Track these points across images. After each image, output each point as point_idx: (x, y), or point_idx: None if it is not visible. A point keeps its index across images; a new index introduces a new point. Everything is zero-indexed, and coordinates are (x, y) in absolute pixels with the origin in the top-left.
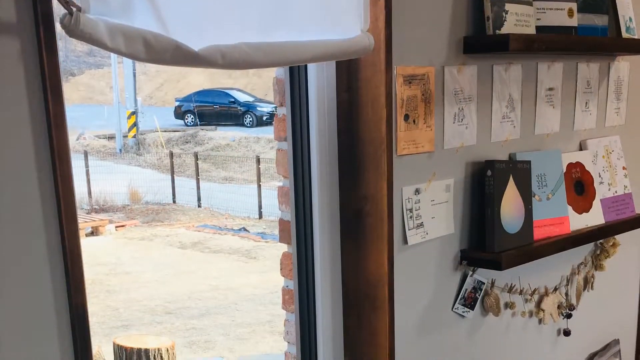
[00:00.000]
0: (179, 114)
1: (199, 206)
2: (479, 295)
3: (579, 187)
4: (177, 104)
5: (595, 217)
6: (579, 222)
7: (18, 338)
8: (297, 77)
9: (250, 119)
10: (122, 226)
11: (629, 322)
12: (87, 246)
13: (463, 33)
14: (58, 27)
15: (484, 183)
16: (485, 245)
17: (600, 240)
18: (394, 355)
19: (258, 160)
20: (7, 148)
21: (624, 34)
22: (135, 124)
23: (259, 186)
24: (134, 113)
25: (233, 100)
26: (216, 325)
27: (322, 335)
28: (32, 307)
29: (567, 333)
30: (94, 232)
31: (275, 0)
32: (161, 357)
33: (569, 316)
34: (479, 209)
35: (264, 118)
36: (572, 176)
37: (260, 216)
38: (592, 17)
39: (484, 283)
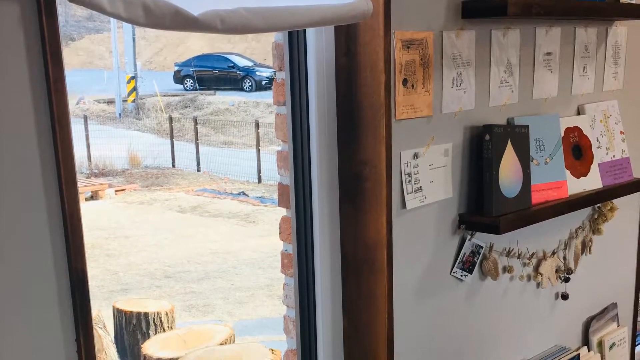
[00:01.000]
0: (178, 78)
1: (198, 170)
2: (477, 259)
3: (577, 151)
4: (176, 68)
5: (593, 181)
6: (576, 186)
7: (18, 302)
8: (296, 41)
9: (249, 84)
10: (122, 190)
11: (626, 286)
12: (87, 210)
13: None
14: None
15: (482, 147)
16: (484, 210)
17: (598, 205)
18: (392, 318)
19: (257, 125)
20: (7, 113)
21: None
22: (134, 89)
23: (258, 150)
24: (133, 78)
25: (232, 64)
26: (215, 289)
27: (320, 299)
28: (32, 271)
29: (565, 297)
30: (94, 196)
31: None
32: (160, 320)
33: (566, 280)
34: (477, 173)
35: (263, 83)
36: (570, 140)
37: (260, 180)
38: None
39: (482, 247)
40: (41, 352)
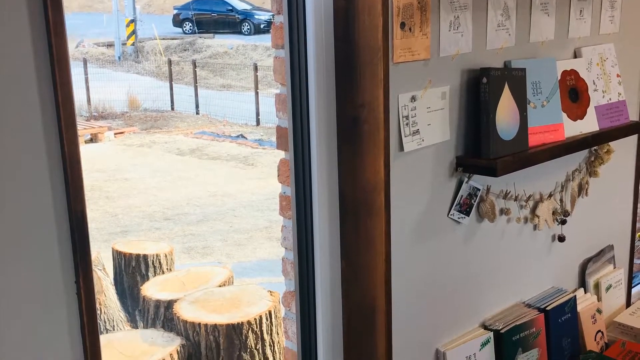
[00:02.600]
0: (177, 22)
1: (197, 113)
2: (475, 202)
3: (574, 94)
4: (175, 11)
5: (589, 124)
6: (573, 129)
7: (18, 245)
8: None
9: (248, 27)
10: (121, 133)
11: (622, 228)
12: (86, 153)
13: None
14: None
15: (480, 90)
16: (481, 152)
17: (595, 147)
18: (390, 260)
19: (255, 68)
20: (7, 56)
21: None
22: (133, 32)
23: (257, 93)
24: (132, 21)
25: (231, 8)
26: (214, 231)
27: (319, 241)
28: (32, 213)
29: (561, 239)
30: (93, 139)
31: None
32: (160, 262)
33: (563, 222)
34: (475, 116)
35: (262, 26)
36: (567, 83)
37: (258, 123)
38: None
39: (479, 189)
40: (41, 294)
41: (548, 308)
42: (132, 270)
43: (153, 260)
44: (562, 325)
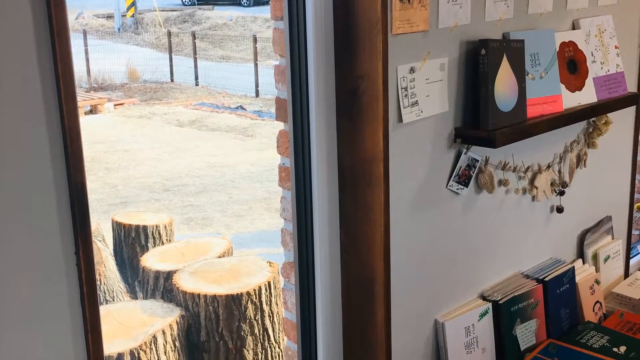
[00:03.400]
0: None
1: (197, 84)
2: (473, 173)
3: (572, 65)
4: None
5: (587, 96)
6: (571, 100)
7: (18, 216)
8: None
9: None
10: (121, 104)
11: (621, 199)
12: (86, 124)
13: None
14: None
15: (478, 62)
16: (479, 123)
17: (593, 118)
18: (388, 231)
19: (255, 40)
20: (7, 27)
21: None
22: (133, 3)
23: (256, 65)
24: None
25: None
26: (213, 202)
27: (318, 212)
28: (32, 185)
29: (560, 210)
30: (93, 110)
31: None
32: (159, 233)
33: (561, 193)
34: (473, 87)
35: None
36: (565, 55)
37: (257, 94)
38: None
39: (478, 161)
40: (41, 264)
41: (546, 279)
42: (131, 241)
43: (152, 231)
44: (560, 296)
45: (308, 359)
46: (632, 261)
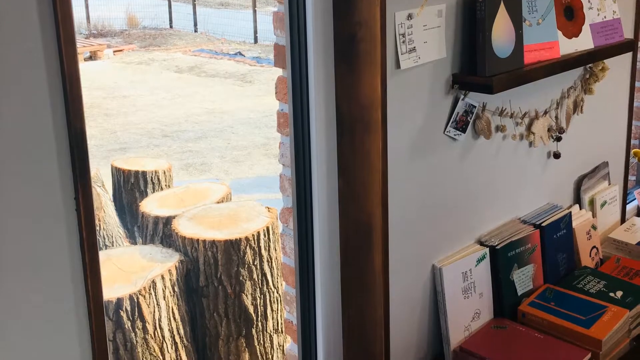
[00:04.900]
0: None
1: (196, 31)
2: (470, 119)
3: (569, 12)
4: None
5: (584, 42)
6: (568, 46)
7: (18, 161)
8: None
9: None
10: (120, 51)
11: (617, 145)
12: (86, 70)
13: None
14: None
15: (476, 8)
16: (477, 70)
17: (590, 65)
18: (386, 176)
19: None
20: None
21: None
22: None
23: (255, 11)
24: None
25: None
26: (212, 148)
27: (316, 158)
28: (31, 130)
29: (557, 155)
30: (92, 56)
31: None
32: (158, 179)
33: (558, 139)
34: (471, 34)
35: None
36: (562, 2)
37: (256, 41)
38: None
39: (475, 106)
40: (41, 209)
41: (543, 224)
42: (130, 187)
43: (152, 177)
44: (557, 241)
45: (306, 302)
46: (628, 207)
